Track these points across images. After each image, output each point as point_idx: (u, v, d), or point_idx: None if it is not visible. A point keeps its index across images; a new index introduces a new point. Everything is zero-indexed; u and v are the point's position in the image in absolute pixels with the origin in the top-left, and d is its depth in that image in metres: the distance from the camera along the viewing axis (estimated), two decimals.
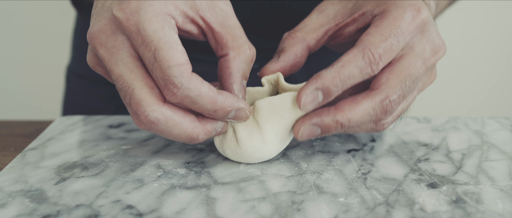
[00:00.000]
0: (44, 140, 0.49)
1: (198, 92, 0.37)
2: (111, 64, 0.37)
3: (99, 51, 0.38)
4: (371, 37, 0.40)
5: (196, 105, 0.37)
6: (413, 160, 0.44)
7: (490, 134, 0.51)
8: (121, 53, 0.37)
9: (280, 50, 0.43)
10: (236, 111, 0.39)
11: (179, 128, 0.38)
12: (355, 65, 0.39)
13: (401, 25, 0.40)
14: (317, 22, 0.44)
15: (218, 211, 0.35)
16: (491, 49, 1.50)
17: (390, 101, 0.40)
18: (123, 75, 0.37)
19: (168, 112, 0.37)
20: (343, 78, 0.39)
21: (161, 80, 0.36)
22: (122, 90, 0.37)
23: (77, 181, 0.40)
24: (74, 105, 0.74)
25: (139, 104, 0.36)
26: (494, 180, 0.40)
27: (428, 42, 0.42)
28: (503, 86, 1.54)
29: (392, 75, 0.40)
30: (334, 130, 0.41)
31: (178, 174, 0.41)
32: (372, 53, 0.39)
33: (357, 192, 0.38)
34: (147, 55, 0.36)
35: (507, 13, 1.47)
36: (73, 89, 0.75)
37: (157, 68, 0.36)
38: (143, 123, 0.37)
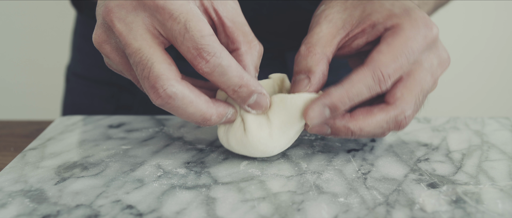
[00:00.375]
0: (44, 140, 0.49)
1: (229, 63, 0.37)
2: (129, 39, 0.37)
3: (117, 25, 0.38)
4: (382, 57, 0.40)
5: (225, 78, 0.37)
6: (413, 160, 0.44)
7: (490, 134, 0.51)
8: (140, 29, 0.37)
9: (307, 70, 0.42)
10: (258, 96, 0.39)
11: (194, 106, 0.38)
12: (364, 84, 0.40)
13: (413, 46, 0.41)
14: (329, 33, 0.44)
15: (218, 211, 0.35)
16: (491, 49, 1.50)
17: (406, 117, 0.41)
18: (142, 49, 0.37)
19: (185, 89, 0.37)
20: (351, 96, 0.40)
21: (194, 50, 0.36)
22: (140, 64, 0.37)
23: (77, 181, 0.40)
24: (73, 106, 0.74)
25: (158, 78, 0.37)
26: (494, 180, 0.40)
27: (435, 57, 0.43)
28: (503, 86, 1.54)
29: (406, 90, 0.41)
30: (343, 134, 0.42)
31: (178, 174, 0.41)
32: (382, 73, 0.40)
33: (357, 192, 0.38)
34: (177, 28, 0.36)
35: (507, 13, 1.47)
36: (73, 89, 0.75)
37: (188, 39, 0.36)
38: (161, 97, 0.37)
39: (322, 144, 0.48)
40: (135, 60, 0.37)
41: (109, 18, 0.38)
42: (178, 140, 0.49)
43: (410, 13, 0.43)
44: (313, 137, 0.49)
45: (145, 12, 0.37)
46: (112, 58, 0.40)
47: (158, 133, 0.51)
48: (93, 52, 0.71)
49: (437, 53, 0.43)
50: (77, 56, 0.75)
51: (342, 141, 0.49)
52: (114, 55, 0.40)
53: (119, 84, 0.69)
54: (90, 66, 0.72)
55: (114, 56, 0.40)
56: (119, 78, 0.69)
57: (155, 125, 0.53)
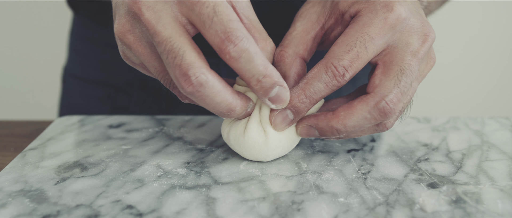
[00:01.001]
0: (44, 140, 0.49)
1: (256, 50, 0.37)
2: (158, 27, 0.37)
3: (145, 13, 0.38)
4: (336, 48, 0.40)
5: (250, 65, 0.37)
6: (413, 160, 0.44)
7: (490, 134, 0.51)
8: (169, 18, 0.38)
9: (283, 76, 0.43)
10: (280, 89, 0.39)
11: (222, 96, 0.38)
12: (319, 80, 0.40)
13: (370, 31, 0.40)
14: (303, 30, 0.44)
15: (218, 211, 0.35)
16: (491, 49, 1.50)
17: (387, 102, 0.39)
18: (173, 37, 0.37)
19: (215, 78, 0.37)
20: (308, 94, 0.40)
21: (222, 33, 0.36)
22: (171, 52, 0.37)
23: (77, 181, 0.40)
24: (70, 106, 0.74)
25: (190, 66, 0.37)
26: (494, 180, 0.40)
27: (411, 35, 0.41)
28: (503, 86, 1.54)
29: (384, 76, 0.40)
30: (330, 134, 0.41)
31: (178, 174, 0.41)
32: (335, 66, 0.39)
33: (357, 192, 0.38)
34: (205, 11, 0.36)
35: (507, 13, 1.47)
36: (69, 90, 0.75)
37: (217, 22, 0.36)
38: (192, 84, 0.37)
39: (322, 144, 0.48)
40: (165, 48, 0.37)
41: (137, 7, 0.38)
42: (178, 140, 0.49)
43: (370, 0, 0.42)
44: (313, 137, 0.49)
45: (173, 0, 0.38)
46: (134, 49, 0.40)
47: (158, 133, 0.51)
48: (89, 53, 0.71)
49: (412, 30, 0.41)
50: (73, 57, 0.74)
51: (342, 141, 0.49)
52: (137, 45, 0.40)
53: (115, 85, 0.69)
54: (87, 67, 0.72)
55: (137, 46, 0.40)
56: (116, 79, 0.68)
57: (155, 125, 0.53)
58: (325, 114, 0.41)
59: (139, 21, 0.38)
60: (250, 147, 0.42)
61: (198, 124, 0.54)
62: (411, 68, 0.40)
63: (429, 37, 0.42)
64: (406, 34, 0.41)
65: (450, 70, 1.51)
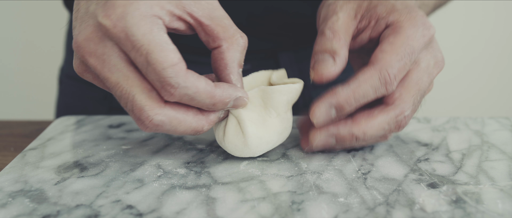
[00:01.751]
0: (44, 140, 0.49)
1: (196, 89, 0.37)
2: (104, 72, 0.37)
3: (89, 60, 0.37)
4: (387, 56, 0.40)
5: (195, 102, 0.37)
6: (413, 160, 0.44)
7: (490, 134, 0.51)
8: (113, 59, 0.37)
9: (332, 52, 0.42)
10: (235, 101, 0.39)
11: (184, 125, 0.38)
12: (371, 85, 0.40)
13: (413, 45, 0.41)
14: (345, 23, 0.44)
15: (218, 211, 0.35)
16: (491, 49, 1.50)
17: (405, 116, 0.41)
18: (120, 83, 0.37)
19: (171, 112, 0.37)
20: (357, 97, 0.40)
21: (157, 83, 0.36)
22: (122, 98, 0.37)
23: (77, 181, 0.40)
24: (67, 107, 0.74)
25: (142, 110, 0.36)
26: (494, 180, 0.40)
27: (432, 57, 0.43)
28: (503, 86, 1.54)
29: (405, 90, 0.41)
30: (348, 142, 0.42)
31: (178, 174, 0.41)
32: (389, 74, 0.40)
33: (357, 192, 0.38)
34: (140, 60, 0.35)
35: (507, 13, 1.46)
36: (66, 91, 0.75)
37: (151, 71, 0.35)
38: (148, 127, 0.37)
39: None
40: (116, 94, 0.37)
41: (80, 54, 0.37)
42: (178, 140, 0.49)
43: (410, 11, 0.43)
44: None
45: (111, 42, 0.36)
46: (96, 84, 0.40)
47: (158, 133, 0.51)
48: None
49: (433, 53, 0.43)
50: (69, 58, 0.74)
51: None
52: (97, 82, 0.40)
53: None
54: None
55: (98, 83, 0.40)
56: None
57: None
58: (344, 121, 0.42)
59: (88, 65, 0.38)
60: (232, 150, 0.43)
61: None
62: (426, 89, 0.43)
63: (442, 64, 0.44)
64: (429, 55, 0.43)
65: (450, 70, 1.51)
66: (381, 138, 0.44)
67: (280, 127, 0.43)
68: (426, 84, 0.43)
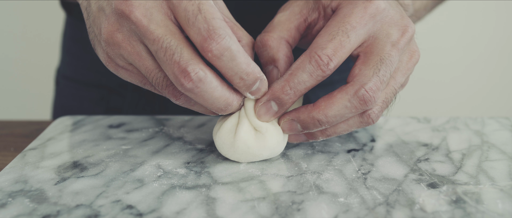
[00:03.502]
0: (44, 140, 0.49)
1: (238, 48, 0.37)
2: (151, 25, 0.37)
3: (135, 12, 0.37)
4: (318, 39, 0.41)
5: (233, 63, 0.37)
6: (413, 160, 0.44)
7: (490, 134, 0.51)
8: (161, 15, 0.37)
9: (271, 60, 0.43)
10: (260, 82, 0.40)
11: (220, 91, 0.38)
12: (303, 70, 0.40)
13: (351, 21, 0.41)
14: (286, 19, 0.45)
15: (218, 211, 0.35)
16: (491, 49, 1.50)
17: (366, 90, 0.40)
18: (168, 35, 0.37)
19: (213, 74, 0.38)
20: (293, 85, 0.40)
21: (205, 32, 0.36)
22: (168, 49, 0.37)
23: (77, 181, 0.40)
24: (63, 108, 0.74)
25: (189, 62, 0.37)
26: (494, 180, 0.40)
27: (391, 26, 0.42)
28: (503, 86, 1.54)
29: (364, 65, 0.41)
30: (313, 126, 0.41)
31: (178, 174, 0.41)
32: (319, 56, 0.40)
33: (357, 192, 0.38)
34: (191, 8, 0.36)
35: (507, 13, 1.47)
36: (63, 92, 0.75)
37: (201, 20, 0.36)
38: (192, 80, 0.37)
39: (322, 144, 0.48)
40: (162, 46, 0.37)
41: (125, 5, 0.38)
42: (178, 140, 0.49)
43: None
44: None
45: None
46: (123, 48, 0.39)
47: (158, 133, 0.51)
48: (82, 55, 0.71)
49: (392, 22, 0.42)
50: (66, 59, 0.74)
51: (342, 141, 0.49)
52: (126, 44, 0.39)
53: (108, 87, 0.69)
54: (80, 68, 0.71)
55: (126, 46, 0.39)
56: (109, 80, 0.68)
57: (155, 125, 0.53)
58: (305, 106, 0.41)
59: (128, 20, 0.38)
60: (220, 145, 0.43)
61: (198, 124, 0.54)
62: (391, 58, 0.41)
63: (409, 29, 0.42)
64: (386, 25, 0.42)
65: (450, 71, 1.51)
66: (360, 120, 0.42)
67: (273, 141, 0.42)
68: (391, 53, 0.41)
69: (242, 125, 0.42)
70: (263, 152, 0.42)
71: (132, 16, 0.37)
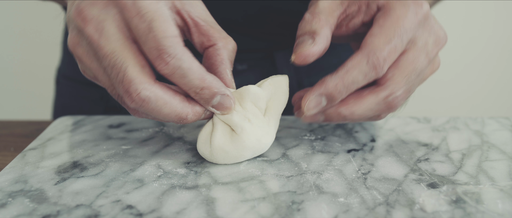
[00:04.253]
0: (44, 140, 0.49)
1: (190, 65, 0.37)
2: (101, 41, 0.37)
3: (88, 26, 0.37)
4: (375, 40, 0.40)
5: (185, 80, 0.37)
6: (413, 160, 0.44)
7: (490, 134, 0.51)
8: (112, 29, 0.37)
9: (312, 32, 0.42)
10: (222, 98, 0.39)
11: (169, 107, 0.38)
12: (360, 71, 0.40)
13: (405, 25, 0.40)
14: (329, 7, 0.44)
15: (218, 211, 0.35)
16: (491, 49, 1.50)
17: (395, 97, 0.41)
18: (116, 52, 0.37)
19: (159, 91, 0.37)
20: (346, 84, 0.40)
21: (155, 51, 0.36)
22: (114, 67, 0.37)
23: (77, 181, 0.40)
24: (63, 108, 0.74)
25: (131, 82, 0.36)
26: (494, 180, 0.40)
27: (430, 35, 0.42)
28: (503, 86, 1.54)
29: (397, 71, 0.41)
30: (336, 120, 0.42)
31: (178, 174, 0.41)
32: (377, 58, 0.39)
33: (357, 192, 0.38)
34: (142, 26, 0.36)
35: (507, 13, 1.46)
36: (62, 92, 0.75)
37: (151, 39, 0.36)
38: (134, 101, 0.37)
39: (322, 144, 0.48)
40: (109, 63, 0.37)
41: (80, 18, 0.37)
42: (178, 140, 0.49)
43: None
44: (313, 137, 0.50)
45: (115, 9, 0.37)
46: (84, 62, 0.40)
47: (158, 133, 0.51)
48: None
49: (432, 31, 0.42)
50: (66, 58, 0.74)
51: (342, 141, 0.49)
52: (86, 59, 0.39)
53: None
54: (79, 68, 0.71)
55: (86, 60, 0.39)
56: None
57: (155, 125, 0.53)
58: None
59: (83, 34, 0.38)
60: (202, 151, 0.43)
61: (198, 124, 0.54)
62: (423, 69, 0.42)
63: (443, 41, 0.43)
64: (427, 33, 0.42)
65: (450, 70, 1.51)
66: (373, 118, 0.43)
67: (252, 139, 0.42)
68: (424, 64, 0.42)
69: (215, 131, 0.42)
70: (243, 153, 0.42)
71: (85, 31, 0.37)
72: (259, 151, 0.43)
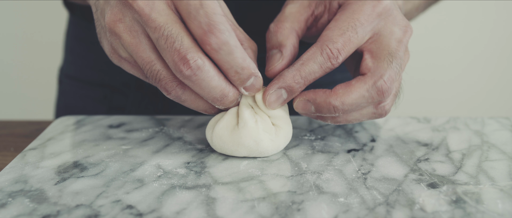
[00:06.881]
0: (44, 140, 0.49)
1: (236, 43, 0.38)
2: (153, 14, 0.38)
3: (138, 1, 0.39)
4: (329, 32, 0.42)
5: (230, 57, 0.39)
6: (413, 160, 0.44)
7: (490, 134, 0.51)
8: (161, 4, 0.39)
9: (278, 45, 0.44)
10: (255, 79, 0.41)
11: (217, 81, 0.40)
12: (315, 61, 0.41)
13: (360, 18, 0.42)
14: (296, 11, 0.46)
15: (218, 211, 0.35)
16: (491, 49, 1.50)
17: (384, 80, 0.41)
18: (169, 23, 0.38)
19: (211, 64, 0.39)
20: (303, 75, 0.42)
21: (205, 25, 0.37)
22: (169, 37, 0.38)
23: (77, 181, 0.40)
24: (66, 107, 0.74)
25: (188, 50, 0.38)
26: (494, 180, 0.40)
27: (394, 25, 0.44)
28: (503, 86, 1.54)
29: (375, 58, 0.42)
30: (327, 111, 0.42)
31: (178, 174, 0.41)
32: (330, 49, 0.41)
33: (357, 192, 0.38)
34: (193, 2, 0.38)
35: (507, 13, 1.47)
36: (65, 91, 0.75)
37: (202, 14, 0.37)
38: (191, 67, 0.38)
39: (322, 144, 0.48)
40: (163, 34, 0.38)
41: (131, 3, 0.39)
42: (178, 140, 0.49)
43: None
44: (313, 137, 0.50)
45: None
46: (124, 38, 0.40)
47: (158, 133, 0.51)
48: (85, 54, 0.71)
49: (395, 21, 0.44)
50: (69, 58, 0.74)
51: (342, 141, 0.49)
52: (127, 34, 0.40)
53: (111, 86, 0.69)
54: (82, 67, 0.71)
55: (127, 36, 0.40)
56: (112, 79, 0.68)
57: (155, 125, 0.53)
58: (323, 90, 0.42)
59: (130, 9, 0.39)
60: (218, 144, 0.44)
61: (198, 124, 0.54)
62: (399, 53, 0.43)
63: (409, 29, 0.45)
64: (390, 23, 0.44)
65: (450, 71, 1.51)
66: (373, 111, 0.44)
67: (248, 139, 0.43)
68: (398, 48, 0.43)
69: (222, 120, 0.43)
70: (238, 148, 0.43)
71: (135, 5, 0.39)
72: (255, 153, 0.43)
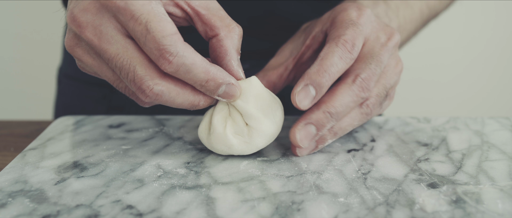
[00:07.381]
0: (44, 140, 0.49)
1: (193, 61, 0.38)
2: (102, 44, 0.37)
3: (85, 32, 0.37)
4: (334, 31, 0.44)
5: (190, 75, 0.38)
6: (413, 160, 0.44)
7: (490, 134, 0.51)
8: (110, 31, 0.37)
9: None
10: (227, 87, 0.40)
11: (182, 97, 0.39)
12: (333, 54, 0.42)
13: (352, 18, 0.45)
14: (276, 62, 0.49)
15: (218, 211, 0.35)
16: (491, 49, 1.50)
17: (362, 78, 0.43)
18: (120, 54, 0.37)
19: (170, 84, 0.39)
20: (326, 67, 0.42)
21: (156, 51, 0.36)
22: (122, 69, 0.38)
23: (77, 181, 0.40)
24: (65, 107, 0.74)
25: (143, 80, 0.37)
26: (494, 180, 0.40)
27: (379, 31, 0.46)
28: (503, 86, 1.54)
29: (356, 62, 0.44)
30: (325, 121, 0.43)
31: (178, 174, 0.41)
32: (344, 39, 0.43)
33: (357, 192, 0.38)
34: (138, 29, 0.36)
35: (507, 13, 1.47)
36: (64, 91, 0.75)
37: (150, 40, 0.36)
38: (149, 96, 0.38)
39: None
40: (116, 65, 0.38)
41: (75, 25, 0.38)
42: (178, 140, 0.49)
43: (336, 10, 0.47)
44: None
45: (108, 13, 0.37)
46: (85, 61, 0.40)
47: (158, 133, 0.51)
48: None
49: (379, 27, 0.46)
50: (68, 58, 0.74)
51: (342, 141, 0.49)
52: (87, 58, 0.40)
53: (110, 86, 0.69)
54: None
55: (87, 59, 0.40)
56: None
57: (155, 125, 0.53)
58: (311, 108, 0.43)
59: (81, 38, 0.39)
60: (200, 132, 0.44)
61: (198, 124, 0.54)
62: (380, 57, 0.44)
63: (395, 34, 0.47)
64: (375, 30, 0.46)
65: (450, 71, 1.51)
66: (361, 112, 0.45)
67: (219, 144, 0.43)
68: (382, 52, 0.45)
69: (201, 123, 0.44)
70: (218, 150, 0.44)
71: (84, 36, 0.38)
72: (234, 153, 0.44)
